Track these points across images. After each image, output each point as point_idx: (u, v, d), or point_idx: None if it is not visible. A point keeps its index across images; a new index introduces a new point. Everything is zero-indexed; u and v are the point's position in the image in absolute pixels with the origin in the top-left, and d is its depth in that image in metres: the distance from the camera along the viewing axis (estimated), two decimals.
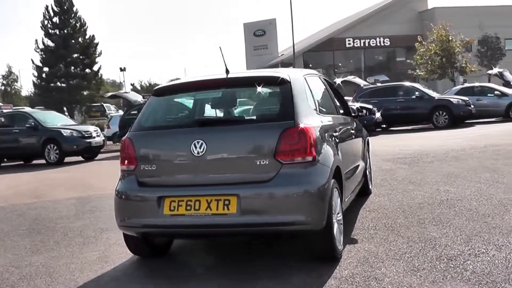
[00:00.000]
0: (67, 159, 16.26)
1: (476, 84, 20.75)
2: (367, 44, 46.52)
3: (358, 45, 46.37)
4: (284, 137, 3.82)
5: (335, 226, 4.12)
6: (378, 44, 46.72)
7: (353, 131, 5.71)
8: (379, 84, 22.34)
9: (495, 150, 9.70)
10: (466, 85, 22.28)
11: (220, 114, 4.60)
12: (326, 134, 4.31)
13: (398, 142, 13.47)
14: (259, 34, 46.78)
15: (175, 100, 4.74)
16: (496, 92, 19.49)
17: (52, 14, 41.05)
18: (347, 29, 46.06)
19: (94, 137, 16.78)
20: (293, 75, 4.32)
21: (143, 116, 4.46)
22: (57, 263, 4.77)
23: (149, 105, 4.53)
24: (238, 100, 4.51)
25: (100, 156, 17.89)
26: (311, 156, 3.86)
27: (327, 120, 4.62)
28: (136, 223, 4.15)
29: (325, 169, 3.94)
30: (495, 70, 24.81)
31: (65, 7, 41.06)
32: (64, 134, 15.99)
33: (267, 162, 3.82)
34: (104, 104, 41.76)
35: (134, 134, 4.30)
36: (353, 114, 6.13)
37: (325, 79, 5.56)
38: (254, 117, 4.36)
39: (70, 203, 8.00)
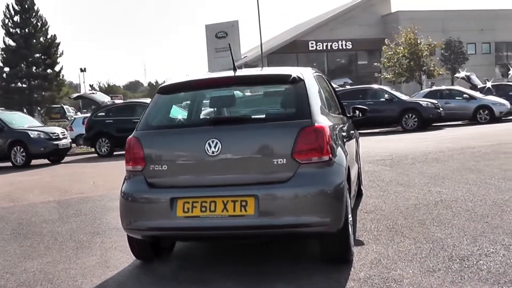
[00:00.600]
0: (33, 162, 15.71)
1: (444, 87, 21.20)
2: (329, 47, 47.00)
3: (321, 48, 46.82)
4: (301, 136, 3.74)
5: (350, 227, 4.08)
6: (341, 47, 47.29)
7: (351, 131, 5.71)
8: (348, 87, 22.56)
9: (473, 152, 9.91)
10: (434, 88, 22.73)
11: (232, 112, 4.49)
12: (336, 134, 4.27)
13: (372, 144, 13.60)
14: (221, 36, 46.55)
15: (183, 98, 4.60)
16: (464, 95, 19.99)
17: (13, 12, 39.90)
18: (310, 32, 46.44)
19: (61, 139, 16.29)
20: (306, 73, 4.26)
21: (150, 115, 4.30)
22: (54, 269, 4.56)
23: (155, 104, 4.37)
24: (250, 98, 4.40)
25: (66, 158, 17.36)
26: (327, 155, 3.81)
27: (335, 119, 4.58)
28: (146, 225, 3.99)
29: (340, 169, 3.89)
30: (462, 74, 25.50)
31: (26, 6, 39.94)
32: (32, 136, 15.45)
33: (284, 162, 3.74)
34: (64, 106, 40.73)
35: (141, 134, 4.13)
36: (348, 115, 6.13)
37: (327, 78, 5.53)
38: (269, 116, 4.26)
39: (51, 206, 7.70)
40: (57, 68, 41.42)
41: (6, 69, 40.10)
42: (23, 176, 12.78)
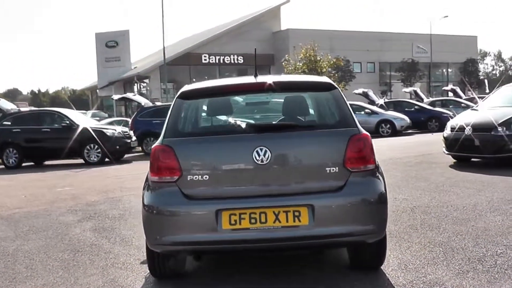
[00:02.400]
0: None
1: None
2: (222, 61, 47.61)
3: (214, 61, 47.26)
4: (351, 144, 3.75)
5: None
6: (233, 61, 48.10)
7: None
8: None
9: (405, 162, 10.60)
10: None
11: (271, 119, 4.34)
12: None
13: None
14: (112, 46, 45.14)
15: (212, 103, 4.32)
16: (366, 110, 21.26)
17: None
18: (203, 45, 46.69)
19: None
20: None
21: (177, 121, 4.01)
22: None
23: (179, 109, 4.07)
24: (286, 105, 4.25)
25: None
26: (373, 164, 3.86)
27: None
28: (185, 240, 3.69)
29: (381, 178, 3.96)
30: (360, 90, 27.06)
31: None
32: None
33: (337, 170, 3.71)
34: None
35: (173, 141, 3.82)
36: None
37: None
38: (316, 123, 4.19)
39: None
40: None
41: None
42: None
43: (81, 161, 14.77)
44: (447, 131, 10.06)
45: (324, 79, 4.24)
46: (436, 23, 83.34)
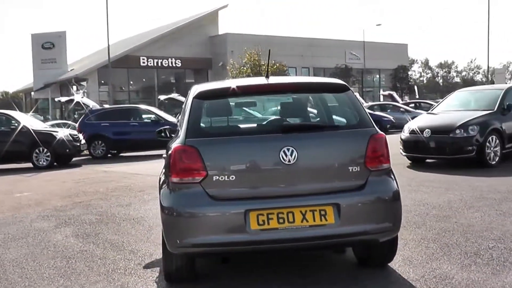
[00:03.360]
0: None
1: None
2: (160, 64, 46.93)
3: (152, 64, 46.50)
4: (371, 144, 3.87)
5: None
6: (171, 64, 47.53)
7: None
8: None
9: None
10: None
11: (294, 119, 4.37)
12: None
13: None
14: (48, 47, 43.42)
15: (233, 104, 4.31)
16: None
17: None
18: (142, 48, 45.82)
19: None
20: None
21: (198, 121, 3.97)
22: None
23: (199, 109, 4.02)
24: (304, 105, 4.30)
25: None
26: (389, 163, 4.00)
27: None
28: (210, 242, 3.65)
29: (394, 176, 4.10)
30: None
31: None
32: None
33: (358, 169, 3.82)
34: None
35: (198, 141, 3.77)
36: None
37: None
38: (335, 124, 4.25)
39: None
40: None
41: None
42: None
43: (27, 165, 14.12)
44: (404, 134, 10.49)
45: (338, 80, 4.35)
46: (369, 31, 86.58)
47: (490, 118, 9.76)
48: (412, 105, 29.76)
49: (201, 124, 4.00)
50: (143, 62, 45.71)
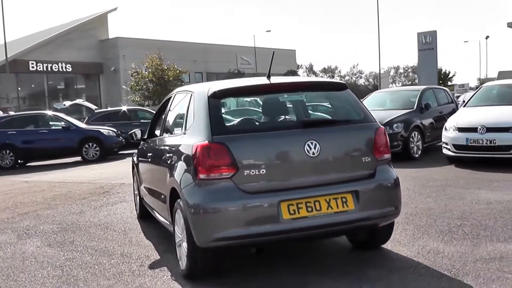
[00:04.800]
0: None
1: None
2: (50, 69, 44.69)
3: (41, 69, 44.13)
4: (377, 136, 4.29)
5: None
6: (61, 69, 45.46)
7: None
8: (109, 108, 22.18)
9: None
10: None
11: (305, 115, 4.62)
12: None
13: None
14: None
15: (251, 101, 4.49)
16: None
17: None
18: (30, 51, 43.22)
19: None
20: None
21: (220, 119, 4.12)
22: None
23: (217, 107, 4.15)
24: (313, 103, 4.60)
25: None
26: (389, 154, 4.44)
27: None
28: (248, 233, 3.83)
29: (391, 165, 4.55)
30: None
31: None
32: None
33: (369, 160, 4.21)
34: None
35: (226, 138, 3.92)
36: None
37: None
38: (347, 118, 4.52)
39: None
40: None
41: None
42: None
43: None
44: None
45: (337, 80, 4.71)
46: (259, 37, 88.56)
47: (411, 116, 10.75)
48: None
49: (225, 122, 4.14)
50: (32, 67, 43.21)
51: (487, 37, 72.83)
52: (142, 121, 19.56)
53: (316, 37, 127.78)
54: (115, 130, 17.05)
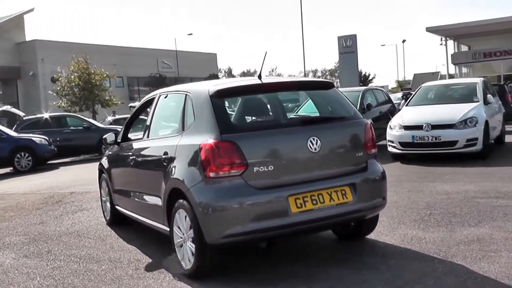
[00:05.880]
0: None
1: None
2: None
3: None
4: (366, 132, 4.59)
5: None
6: None
7: None
8: (39, 115, 21.18)
9: None
10: (118, 116, 23.61)
11: (301, 112, 4.80)
12: None
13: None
14: None
15: (252, 100, 4.64)
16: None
17: None
18: None
19: None
20: None
21: (227, 118, 4.23)
22: None
23: (221, 107, 4.25)
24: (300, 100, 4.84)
25: None
26: (376, 148, 4.75)
27: None
28: (259, 228, 3.95)
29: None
30: (137, 103, 26.96)
31: None
32: None
33: (362, 154, 4.51)
34: None
35: (236, 136, 4.03)
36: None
37: None
38: (342, 115, 4.69)
39: None
40: None
41: None
42: None
43: None
44: None
45: (325, 80, 4.97)
46: (181, 40, 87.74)
47: None
48: None
49: (231, 120, 4.25)
50: None
51: (403, 41, 76.70)
52: (72, 128, 18.96)
53: (236, 41, 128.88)
54: (47, 138, 16.41)
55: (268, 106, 4.83)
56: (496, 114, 11.11)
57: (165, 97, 5.29)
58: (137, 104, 26.11)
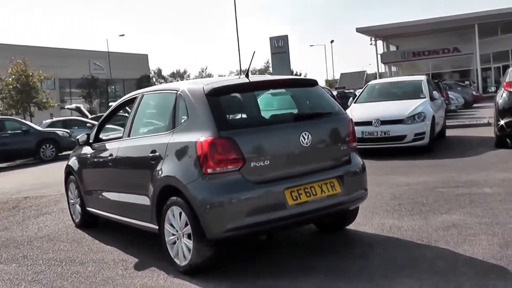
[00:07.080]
0: None
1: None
2: None
3: None
4: (349, 126, 4.81)
5: None
6: None
7: None
8: None
9: None
10: (56, 119, 22.91)
11: (290, 109, 4.90)
12: None
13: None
14: None
15: (246, 98, 4.73)
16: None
17: None
18: None
19: None
20: None
21: (223, 115, 4.26)
22: None
23: (218, 104, 4.28)
24: (292, 97, 4.99)
25: None
26: (356, 142, 4.97)
27: None
28: (259, 221, 4.04)
29: None
30: (73, 105, 26.28)
31: None
32: None
33: (346, 148, 4.73)
34: None
35: (233, 133, 4.10)
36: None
37: None
38: (329, 111, 4.84)
39: None
40: None
41: None
42: None
43: None
44: None
45: (309, 78, 5.14)
46: (112, 41, 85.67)
47: None
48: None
49: (227, 117, 4.31)
50: None
51: (332, 41, 79.16)
52: (9, 132, 18.17)
53: (166, 43, 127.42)
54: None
55: (263, 103, 4.98)
56: (439, 110, 11.76)
57: (150, 96, 5.28)
58: (73, 106, 25.43)
